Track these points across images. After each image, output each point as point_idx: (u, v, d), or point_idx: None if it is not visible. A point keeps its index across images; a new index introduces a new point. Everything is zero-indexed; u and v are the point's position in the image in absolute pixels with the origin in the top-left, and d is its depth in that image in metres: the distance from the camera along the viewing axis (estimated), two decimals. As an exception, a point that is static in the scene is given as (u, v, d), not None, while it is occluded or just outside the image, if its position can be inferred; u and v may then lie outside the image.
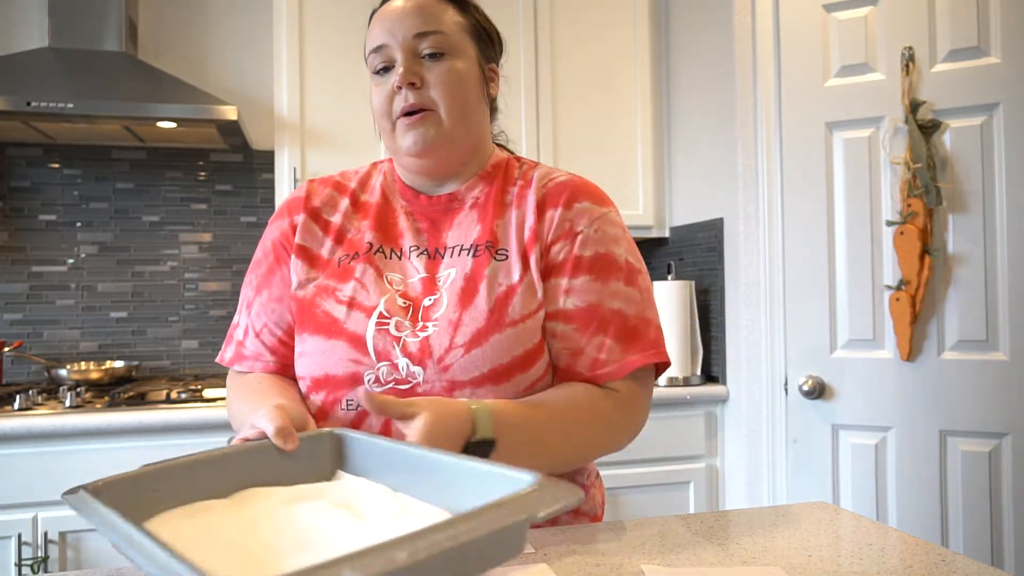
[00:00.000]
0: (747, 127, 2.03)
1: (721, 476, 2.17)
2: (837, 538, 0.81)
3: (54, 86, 1.96)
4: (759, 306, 1.99)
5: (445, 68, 0.89)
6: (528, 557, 0.75)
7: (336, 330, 0.87)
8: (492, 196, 0.95)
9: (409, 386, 0.85)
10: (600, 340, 0.89)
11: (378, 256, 0.92)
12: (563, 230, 0.91)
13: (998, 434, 1.71)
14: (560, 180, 0.95)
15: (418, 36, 0.89)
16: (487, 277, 0.88)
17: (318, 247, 0.95)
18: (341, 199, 0.98)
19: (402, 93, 0.89)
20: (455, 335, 0.85)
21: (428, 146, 0.89)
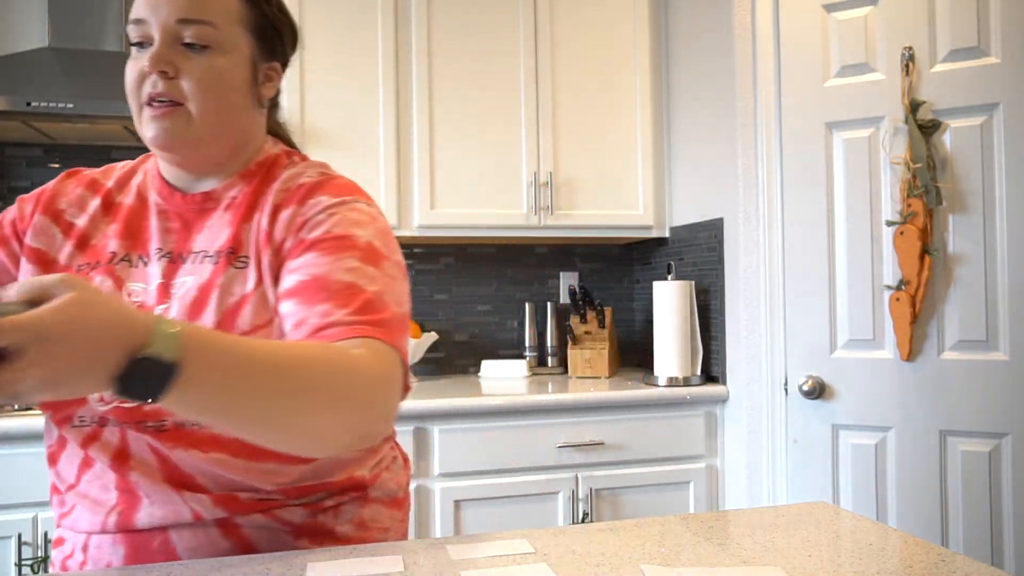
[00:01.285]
0: (747, 127, 2.03)
1: (721, 476, 2.17)
2: (837, 538, 0.81)
3: (54, 86, 1.96)
4: (759, 306, 2.00)
5: (205, 64, 0.82)
6: (528, 557, 0.75)
7: None
8: (247, 197, 0.88)
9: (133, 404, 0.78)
10: (325, 308, 0.76)
11: (121, 265, 0.85)
12: (294, 226, 0.84)
13: (998, 434, 1.71)
14: (303, 181, 0.88)
15: (181, 22, 0.81)
16: (219, 287, 0.82)
17: (55, 252, 0.86)
18: (91, 199, 0.89)
19: (152, 78, 0.81)
20: None
21: (172, 141, 0.82)
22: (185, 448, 0.80)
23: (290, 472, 0.84)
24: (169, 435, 0.80)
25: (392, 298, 0.80)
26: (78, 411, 0.81)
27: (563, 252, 2.77)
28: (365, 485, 0.93)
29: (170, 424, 0.80)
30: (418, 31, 2.28)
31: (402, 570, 0.72)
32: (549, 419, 2.04)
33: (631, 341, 2.82)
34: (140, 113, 0.83)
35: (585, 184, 2.40)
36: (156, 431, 0.80)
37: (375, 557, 0.76)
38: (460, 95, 2.32)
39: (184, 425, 0.80)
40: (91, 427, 0.81)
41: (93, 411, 0.80)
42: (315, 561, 0.75)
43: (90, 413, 0.81)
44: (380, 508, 0.95)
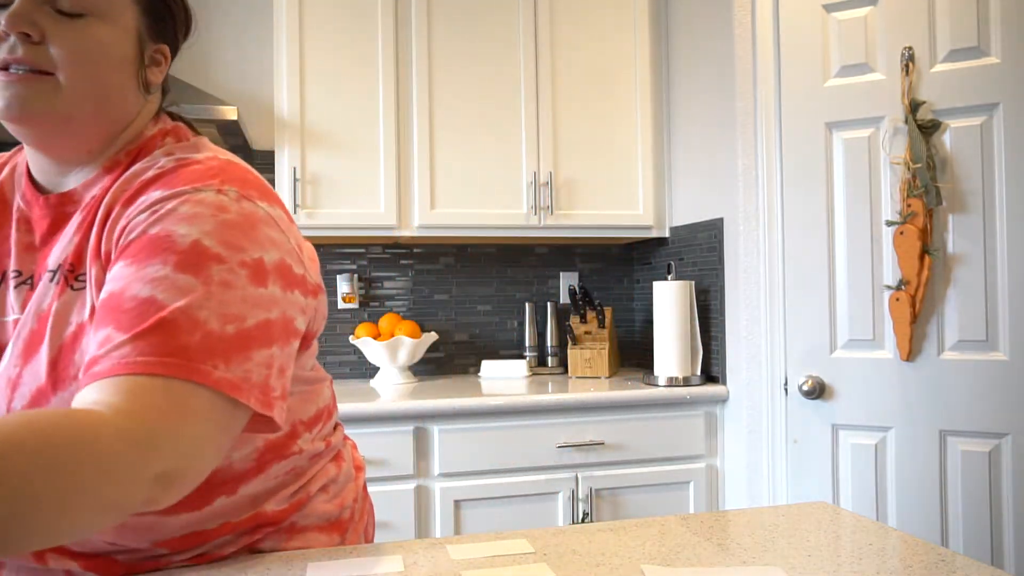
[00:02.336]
0: (747, 127, 2.03)
1: (721, 476, 2.17)
2: (837, 538, 0.81)
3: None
4: (759, 306, 2.00)
5: (80, 31, 0.69)
6: (528, 557, 0.75)
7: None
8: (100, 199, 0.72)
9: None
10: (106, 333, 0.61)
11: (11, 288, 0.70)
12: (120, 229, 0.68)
13: (998, 434, 1.71)
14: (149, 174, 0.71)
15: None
16: (55, 315, 0.68)
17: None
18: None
19: (9, 42, 0.67)
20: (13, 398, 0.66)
21: (27, 113, 0.67)
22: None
23: (172, 524, 0.71)
24: None
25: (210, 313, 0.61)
26: None
27: (563, 252, 2.77)
28: (279, 520, 0.80)
29: None
30: (418, 31, 2.28)
31: (402, 570, 0.72)
32: (549, 419, 2.04)
33: (631, 341, 2.83)
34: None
35: (585, 184, 2.40)
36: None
37: (375, 557, 0.76)
38: (460, 95, 2.32)
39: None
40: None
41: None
42: (315, 561, 0.75)
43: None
44: (315, 536, 0.84)
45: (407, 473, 1.94)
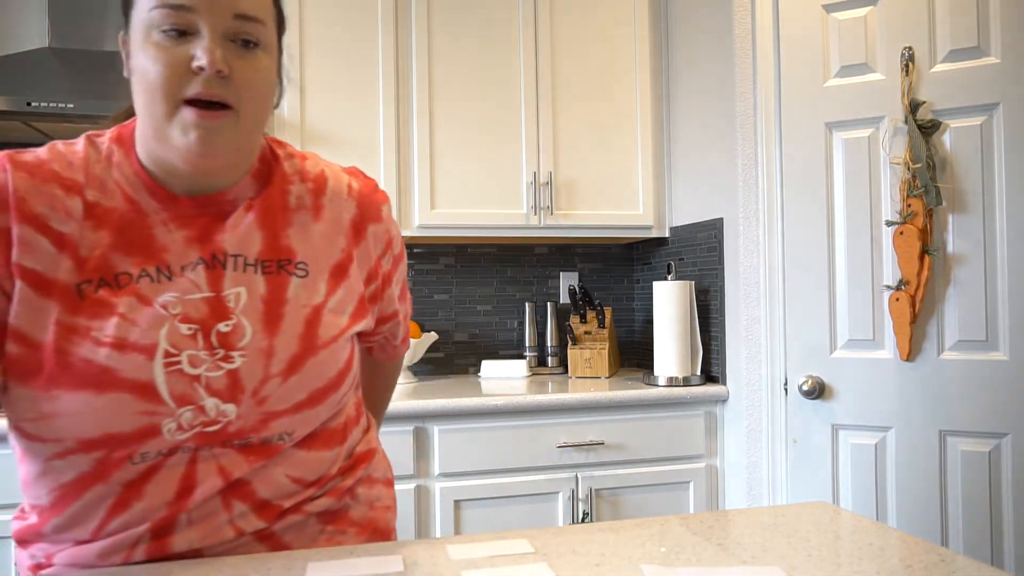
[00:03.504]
0: (747, 127, 2.03)
1: (721, 476, 2.17)
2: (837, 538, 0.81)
3: (54, 86, 1.96)
4: (759, 306, 2.00)
5: (255, 64, 0.75)
6: (528, 557, 0.75)
7: (110, 381, 0.70)
8: (272, 199, 0.83)
9: (219, 426, 0.75)
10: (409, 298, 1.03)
11: (143, 283, 0.74)
12: (384, 242, 0.91)
13: (998, 434, 1.71)
14: (357, 189, 0.88)
15: (239, 17, 0.73)
16: (290, 300, 0.80)
17: (52, 269, 0.71)
18: (69, 201, 0.74)
19: (201, 76, 0.71)
20: (269, 364, 0.76)
21: (215, 149, 0.73)
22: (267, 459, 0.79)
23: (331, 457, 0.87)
24: (254, 450, 0.78)
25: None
26: (141, 448, 0.73)
27: (563, 252, 2.77)
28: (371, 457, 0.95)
29: (255, 441, 0.78)
30: (418, 31, 2.28)
31: (402, 570, 0.72)
32: (549, 419, 2.04)
33: (631, 341, 2.83)
34: (173, 113, 0.72)
35: (585, 184, 2.40)
36: (240, 448, 0.77)
37: (375, 557, 0.76)
38: (460, 95, 2.32)
39: (269, 440, 0.78)
40: (155, 460, 0.74)
41: (162, 444, 0.73)
42: (315, 561, 0.75)
43: (157, 447, 0.73)
44: (381, 488, 0.96)
45: (407, 473, 1.94)
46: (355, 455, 0.91)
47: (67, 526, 0.76)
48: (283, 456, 0.81)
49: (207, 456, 0.76)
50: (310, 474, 0.84)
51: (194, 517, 0.77)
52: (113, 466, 0.73)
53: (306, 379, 0.79)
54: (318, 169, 0.88)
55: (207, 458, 0.76)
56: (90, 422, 0.70)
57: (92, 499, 0.75)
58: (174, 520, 0.76)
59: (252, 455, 0.78)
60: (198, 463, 0.76)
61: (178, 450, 0.74)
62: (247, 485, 0.79)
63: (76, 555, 0.77)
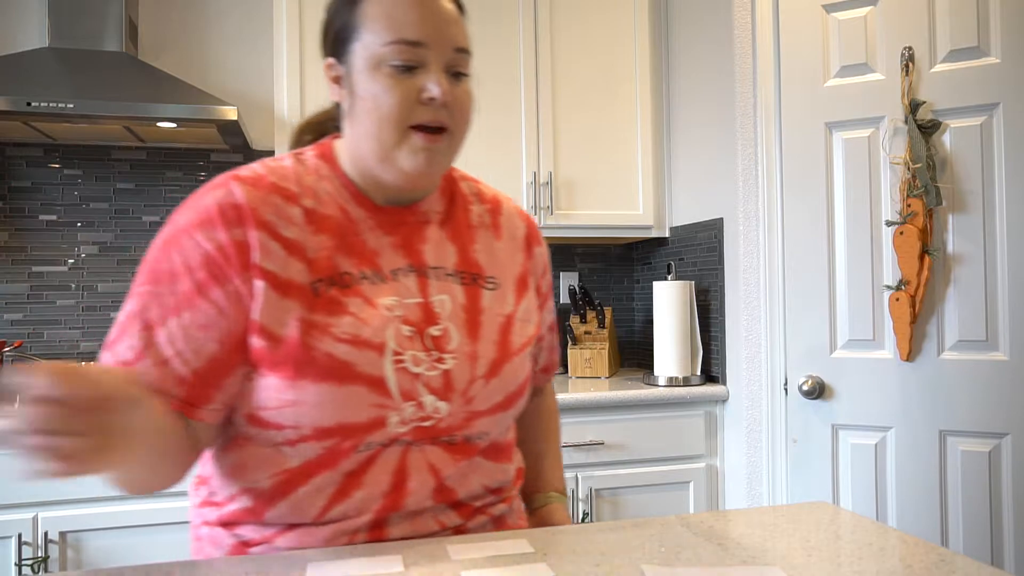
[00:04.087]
0: (747, 127, 2.03)
1: (721, 476, 2.17)
2: (837, 538, 0.81)
3: (54, 86, 1.96)
4: (759, 306, 2.00)
5: (465, 91, 0.84)
6: (528, 557, 0.75)
7: (349, 374, 0.77)
8: (458, 216, 0.93)
9: (432, 422, 0.82)
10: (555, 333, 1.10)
11: (364, 283, 0.82)
12: (543, 265, 1.02)
13: (998, 434, 1.71)
14: (524, 213, 1.02)
15: (459, 51, 0.82)
16: (486, 309, 0.88)
17: (286, 271, 0.78)
18: (290, 209, 0.81)
19: (432, 106, 0.80)
20: (474, 367, 0.84)
21: (437, 168, 0.83)
22: (468, 458, 0.86)
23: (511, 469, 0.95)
24: (459, 447, 0.85)
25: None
26: (367, 438, 0.79)
27: (563, 252, 2.77)
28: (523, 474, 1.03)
29: (459, 438, 0.85)
30: (418, 31, 2.28)
31: (402, 570, 0.72)
32: (549, 419, 2.04)
33: (631, 341, 2.83)
34: (404, 139, 0.80)
35: (585, 184, 2.40)
36: (447, 444, 0.84)
37: (375, 557, 0.76)
38: (460, 95, 2.31)
39: (470, 438, 0.86)
40: (374, 450, 0.80)
41: (385, 436, 0.80)
42: (315, 561, 0.75)
43: (380, 439, 0.80)
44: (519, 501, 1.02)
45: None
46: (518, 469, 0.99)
47: (289, 510, 0.81)
48: (476, 464, 0.88)
49: (417, 451, 0.82)
50: (494, 483, 0.91)
51: (409, 510, 0.83)
52: (341, 455, 0.79)
53: (503, 382, 0.87)
54: (491, 192, 1.00)
55: (417, 453, 0.82)
56: (328, 411, 0.77)
57: (317, 485, 0.80)
58: (391, 512, 0.82)
59: (456, 452, 0.85)
60: (409, 456, 0.82)
61: (394, 443, 0.81)
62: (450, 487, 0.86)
63: (302, 539, 0.82)
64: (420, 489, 0.83)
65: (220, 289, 0.77)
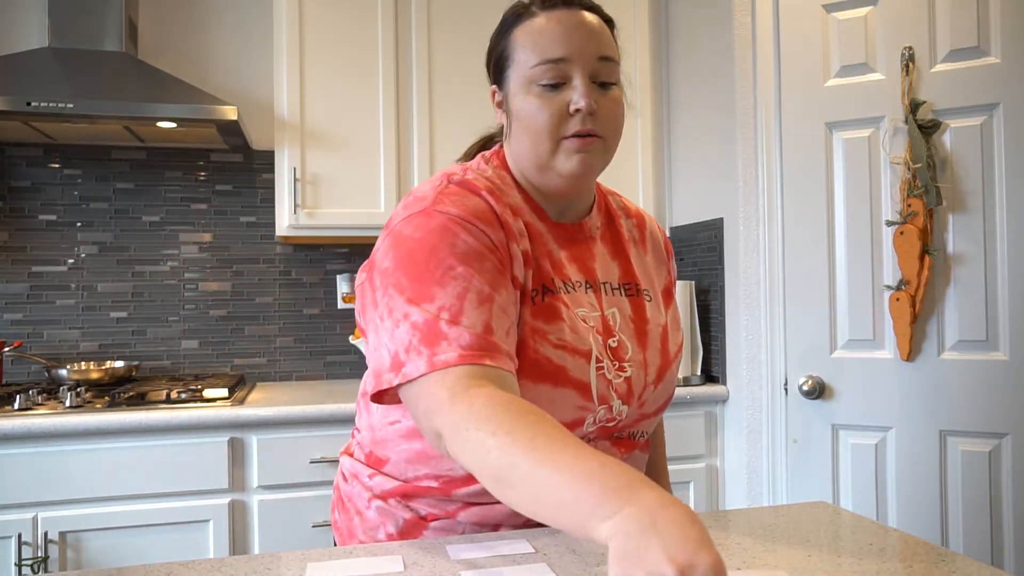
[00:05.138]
0: (747, 127, 2.03)
1: (721, 476, 2.17)
2: (837, 538, 0.81)
3: (54, 86, 1.96)
4: (759, 306, 1.99)
5: (615, 99, 0.87)
6: (528, 557, 0.75)
7: (563, 378, 0.83)
8: (615, 231, 0.99)
9: (613, 423, 0.89)
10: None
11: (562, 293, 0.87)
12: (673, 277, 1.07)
13: (998, 434, 1.71)
14: (660, 227, 1.07)
15: (602, 59, 0.85)
16: (650, 320, 0.95)
17: (522, 278, 0.85)
18: (516, 223, 0.87)
19: (578, 116, 0.84)
20: (646, 375, 0.91)
21: (589, 172, 0.86)
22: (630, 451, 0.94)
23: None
24: (624, 442, 0.93)
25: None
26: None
27: (563, 252, 2.76)
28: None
29: (626, 435, 0.93)
30: (418, 31, 2.28)
31: (402, 570, 0.72)
32: (549, 419, 2.04)
33: (631, 341, 2.82)
34: (557, 148, 0.85)
35: (585, 184, 2.40)
36: (616, 440, 0.91)
37: (375, 557, 0.76)
38: (460, 94, 2.32)
39: (635, 435, 0.94)
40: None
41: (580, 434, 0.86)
42: (315, 561, 0.75)
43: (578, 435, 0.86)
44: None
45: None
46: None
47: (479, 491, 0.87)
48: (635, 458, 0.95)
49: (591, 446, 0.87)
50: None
51: None
52: None
53: (666, 387, 0.95)
54: (634, 206, 1.05)
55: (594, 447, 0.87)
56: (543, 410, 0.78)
57: None
58: None
59: (620, 446, 0.92)
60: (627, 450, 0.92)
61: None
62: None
63: (483, 514, 0.88)
64: None
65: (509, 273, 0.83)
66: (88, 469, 1.75)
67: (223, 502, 1.84)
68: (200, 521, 1.82)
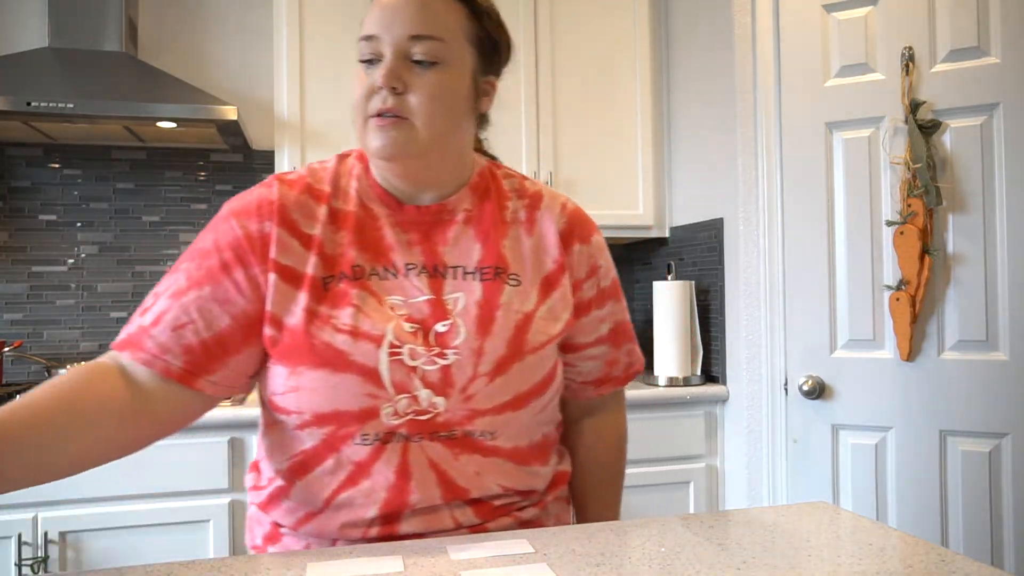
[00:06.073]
0: (747, 127, 2.03)
1: (721, 476, 2.17)
2: (837, 538, 0.81)
3: (54, 86, 1.96)
4: (759, 306, 2.00)
5: (433, 79, 0.83)
6: (528, 557, 0.75)
7: (343, 363, 0.81)
8: (489, 212, 0.92)
9: (429, 416, 0.83)
10: (628, 347, 1.03)
11: (373, 279, 0.85)
12: (589, 266, 0.96)
13: (998, 434, 1.71)
14: (571, 209, 0.97)
15: (413, 38, 0.82)
16: (503, 305, 0.87)
17: (301, 265, 0.84)
18: (318, 207, 0.88)
19: (382, 93, 0.82)
20: (478, 364, 0.84)
21: (396, 152, 0.83)
22: (470, 454, 0.86)
23: (544, 474, 0.94)
24: (457, 442, 0.85)
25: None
26: (363, 429, 0.82)
27: (563, 252, 2.76)
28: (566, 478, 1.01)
29: (459, 433, 0.85)
30: (418, 31, 2.28)
31: (402, 570, 0.72)
32: (549, 419, 2.04)
33: (631, 341, 2.82)
34: (365, 126, 0.84)
35: (585, 184, 2.40)
36: (447, 439, 0.84)
37: (375, 557, 0.76)
38: (460, 95, 2.31)
39: (472, 434, 0.85)
40: (373, 444, 0.83)
41: (381, 427, 0.82)
42: (315, 561, 0.75)
43: (375, 429, 0.82)
44: (563, 504, 1.02)
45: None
46: (557, 472, 0.98)
47: (304, 491, 0.86)
48: (494, 464, 0.87)
49: (416, 446, 0.84)
50: (520, 485, 0.91)
51: (420, 507, 0.85)
52: (340, 441, 0.83)
53: (512, 381, 0.86)
54: (536, 188, 0.98)
55: (416, 448, 0.84)
56: (324, 397, 0.81)
57: (326, 469, 0.84)
58: (401, 508, 0.84)
59: (456, 447, 0.85)
60: (410, 451, 0.84)
61: (393, 436, 0.83)
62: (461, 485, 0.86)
63: (320, 527, 0.86)
64: (425, 485, 0.84)
65: (243, 271, 0.83)
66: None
67: (223, 502, 1.84)
68: (200, 521, 1.82)
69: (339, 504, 0.84)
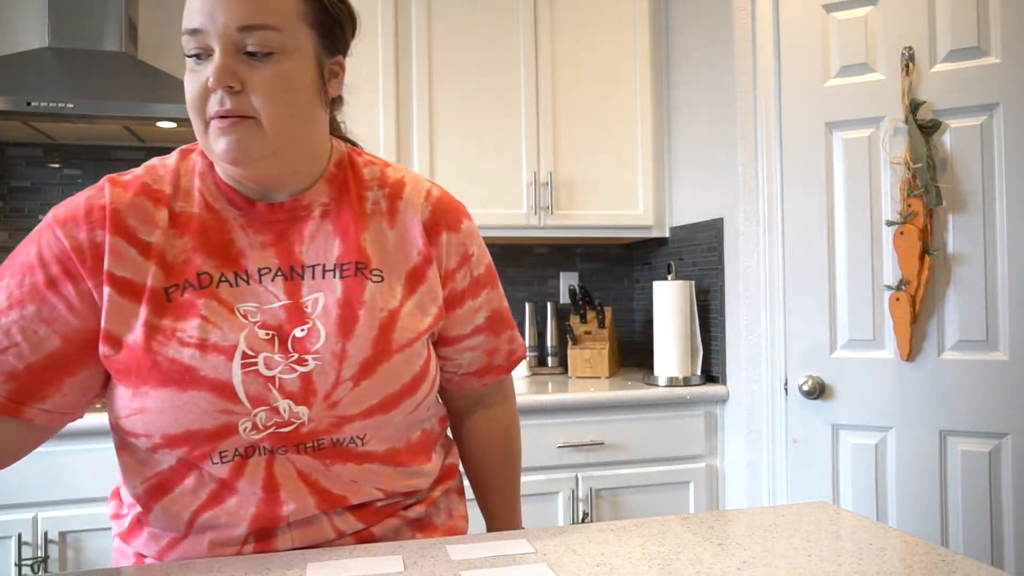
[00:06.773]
0: (747, 127, 2.03)
1: (721, 476, 2.17)
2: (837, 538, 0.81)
3: (54, 86, 1.96)
4: (759, 306, 1.99)
5: (272, 72, 0.75)
6: (528, 557, 0.75)
7: (191, 379, 0.74)
8: (348, 204, 0.85)
9: (292, 427, 0.77)
10: (508, 334, 0.99)
11: (222, 287, 0.78)
12: (460, 255, 0.90)
13: (998, 434, 1.71)
14: (436, 195, 0.90)
15: (243, 29, 0.73)
16: (366, 303, 0.81)
17: (140, 276, 0.76)
18: (157, 212, 0.79)
19: (218, 94, 0.74)
20: (341, 368, 0.78)
21: (244, 155, 0.75)
22: (343, 463, 0.80)
23: (428, 471, 0.90)
24: (327, 452, 0.80)
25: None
26: (220, 446, 0.76)
27: (563, 252, 2.76)
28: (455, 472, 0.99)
29: (327, 442, 0.79)
30: (418, 30, 2.28)
31: (402, 570, 0.72)
32: (549, 419, 2.04)
33: (631, 341, 2.82)
34: (206, 129, 0.76)
35: (585, 184, 2.40)
36: (314, 450, 0.79)
37: (375, 557, 0.76)
38: (460, 95, 2.32)
39: (341, 442, 0.80)
40: (234, 460, 0.77)
41: (240, 442, 0.76)
42: (315, 561, 0.75)
43: (235, 446, 0.76)
44: (456, 497, 0.99)
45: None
46: (444, 467, 0.96)
47: (163, 515, 0.80)
48: (369, 470, 0.83)
49: (282, 459, 0.78)
50: (401, 487, 0.87)
51: (293, 520, 0.80)
52: (198, 461, 0.77)
53: (379, 384, 0.80)
54: (398, 176, 0.90)
55: (282, 460, 0.78)
56: (173, 418, 0.74)
57: (186, 491, 0.79)
58: (274, 522, 0.79)
59: (325, 457, 0.80)
60: (275, 465, 0.78)
61: (255, 451, 0.77)
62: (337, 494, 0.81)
63: (186, 551, 0.80)
64: (296, 498, 0.79)
65: (72, 286, 0.75)
66: (88, 469, 1.75)
67: (223, 502, 1.84)
68: (200, 521, 1.82)
69: (203, 525, 0.79)
